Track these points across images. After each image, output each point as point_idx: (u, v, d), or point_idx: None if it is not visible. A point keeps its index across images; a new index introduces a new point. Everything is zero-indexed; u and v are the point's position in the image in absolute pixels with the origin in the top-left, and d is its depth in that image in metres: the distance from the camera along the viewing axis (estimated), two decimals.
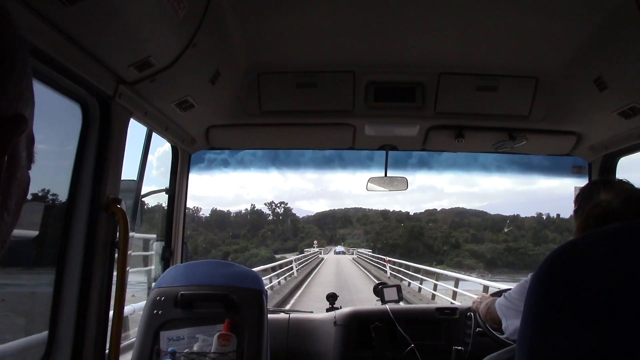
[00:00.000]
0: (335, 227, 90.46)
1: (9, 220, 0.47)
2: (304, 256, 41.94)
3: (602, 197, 1.38)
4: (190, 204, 2.67)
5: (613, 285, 0.67)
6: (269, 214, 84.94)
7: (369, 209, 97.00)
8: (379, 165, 2.95)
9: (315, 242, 75.10)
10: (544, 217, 71.84)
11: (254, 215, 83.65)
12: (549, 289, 0.72)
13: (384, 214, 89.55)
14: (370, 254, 52.28)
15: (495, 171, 3.20)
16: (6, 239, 0.47)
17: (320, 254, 59.35)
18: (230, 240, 70.76)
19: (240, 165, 3.24)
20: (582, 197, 1.49)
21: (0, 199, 0.45)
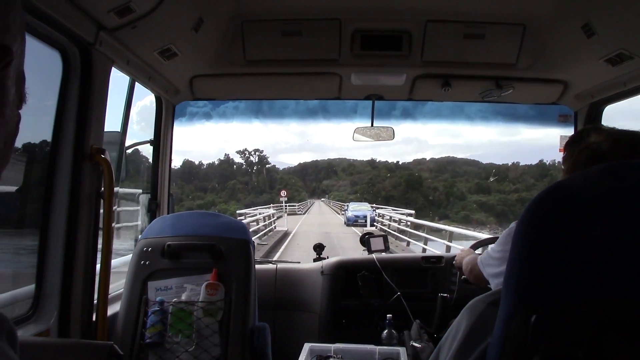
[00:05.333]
0: (319, 177, 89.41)
1: None
2: None
3: (591, 139, 1.42)
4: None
5: (601, 224, 0.73)
6: (242, 164, 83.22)
7: (354, 159, 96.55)
8: (363, 116, 3.09)
9: (282, 192, 45.06)
10: (547, 163, 66.85)
11: (225, 165, 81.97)
12: (536, 230, 0.76)
13: (372, 163, 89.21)
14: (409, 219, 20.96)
15: (480, 121, 3.36)
16: None
17: (285, 217, 30.53)
18: (195, 194, 66.38)
19: (223, 118, 3.33)
20: (571, 143, 1.55)
21: None
